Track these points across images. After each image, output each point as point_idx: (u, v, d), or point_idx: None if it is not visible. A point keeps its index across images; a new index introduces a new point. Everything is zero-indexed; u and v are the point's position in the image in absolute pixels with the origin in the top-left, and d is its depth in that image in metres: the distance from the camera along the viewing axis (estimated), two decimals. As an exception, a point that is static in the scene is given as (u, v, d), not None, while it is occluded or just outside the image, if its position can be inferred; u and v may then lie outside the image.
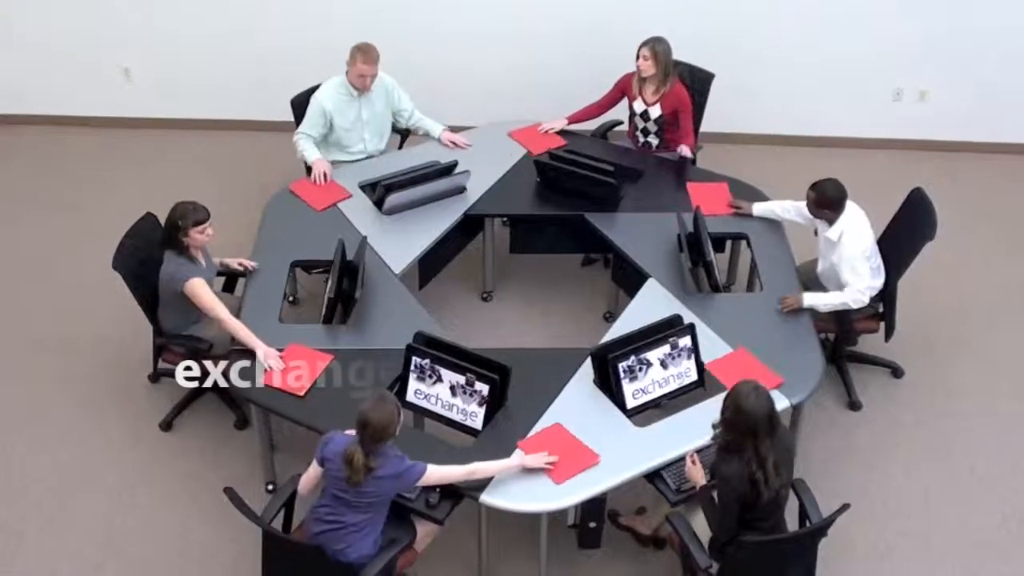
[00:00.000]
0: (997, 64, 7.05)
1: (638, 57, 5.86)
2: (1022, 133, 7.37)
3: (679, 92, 5.95)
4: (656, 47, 5.80)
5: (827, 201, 5.06)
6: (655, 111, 5.97)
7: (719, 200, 5.68)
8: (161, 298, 5.07)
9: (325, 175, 5.83)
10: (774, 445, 3.96)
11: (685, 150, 5.92)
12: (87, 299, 6.09)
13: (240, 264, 5.29)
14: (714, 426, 4.14)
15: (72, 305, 6.09)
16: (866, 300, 5.15)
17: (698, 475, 4.20)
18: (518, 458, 4.29)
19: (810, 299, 5.06)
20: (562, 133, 6.22)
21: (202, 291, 4.91)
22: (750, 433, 3.91)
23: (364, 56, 5.76)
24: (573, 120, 6.20)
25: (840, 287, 5.14)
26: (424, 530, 4.32)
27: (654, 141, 6.11)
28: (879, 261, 5.23)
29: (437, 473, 4.13)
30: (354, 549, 4.07)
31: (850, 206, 5.12)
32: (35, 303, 6.13)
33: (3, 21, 7.21)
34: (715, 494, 4.07)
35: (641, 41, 5.85)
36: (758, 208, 5.57)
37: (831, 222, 5.11)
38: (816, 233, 5.32)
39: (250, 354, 4.76)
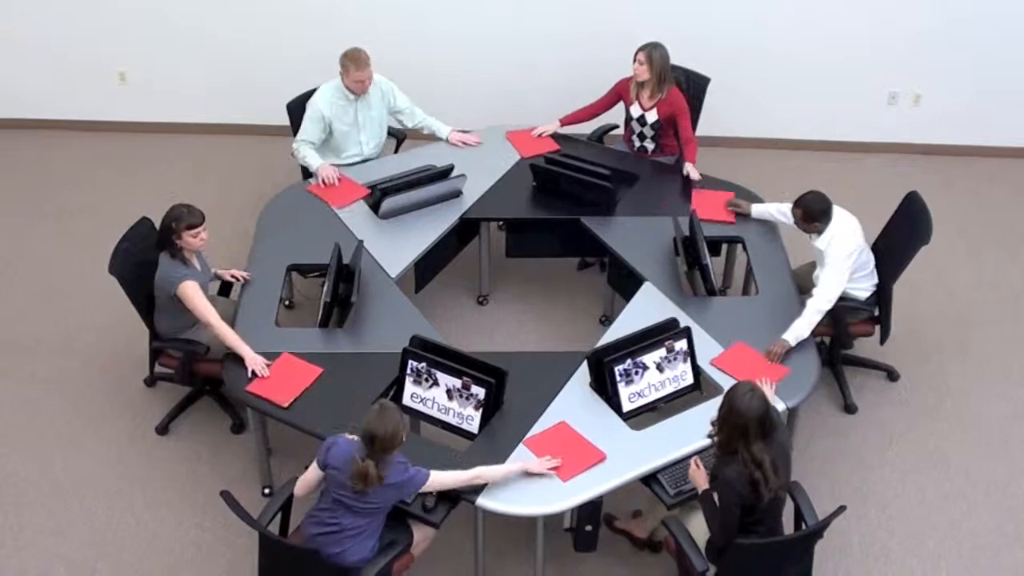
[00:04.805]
0: (992, 68, 7.07)
1: (634, 62, 5.87)
2: (1017, 136, 7.40)
3: (676, 98, 5.94)
4: (652, 53, 5.80)
5: (813, 214, 5.07)
6: (651, 116, 5.98)
7: (718, 205, 5.68)
8: (157, 301, 5.07)
9: (334, 179, 5.84)
10: (769, 446, 3.96)
11: (691, 171, 5.86)
12: (83, 303, 6.09)
13: (233, 276, 5.27)
14: (712, 423, 4.16)
15: (68, 309, 6.09)
16: (834, 301, 5.02)
17: (701, 479, 4.19)
18: (521, 463, 4.28)
19: (792, 335, 4.83)
20: (558, 137, 6.24)
21: (193, 294, 4.89)
22: (739, 432, 3.92)
23: (356, 64, 5.79)
24: (566, 122, 6.22)
25: None
26: (421, 534, 4.32)
27: (650, 146, 6.12)
28: (871, 262, 5.25)
29: (439, 479, 4.13)
30: (352, 552, 4.07)
31: (838, 212, 5.13)
32: (31, 306, 6.12)
33: (0, 25, 7.22)
34: (716, 496, 4.07)
35: (638, 46, 5.87)
36: (756, 209, 5.59)
37: (821, 233, 5.13)
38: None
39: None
